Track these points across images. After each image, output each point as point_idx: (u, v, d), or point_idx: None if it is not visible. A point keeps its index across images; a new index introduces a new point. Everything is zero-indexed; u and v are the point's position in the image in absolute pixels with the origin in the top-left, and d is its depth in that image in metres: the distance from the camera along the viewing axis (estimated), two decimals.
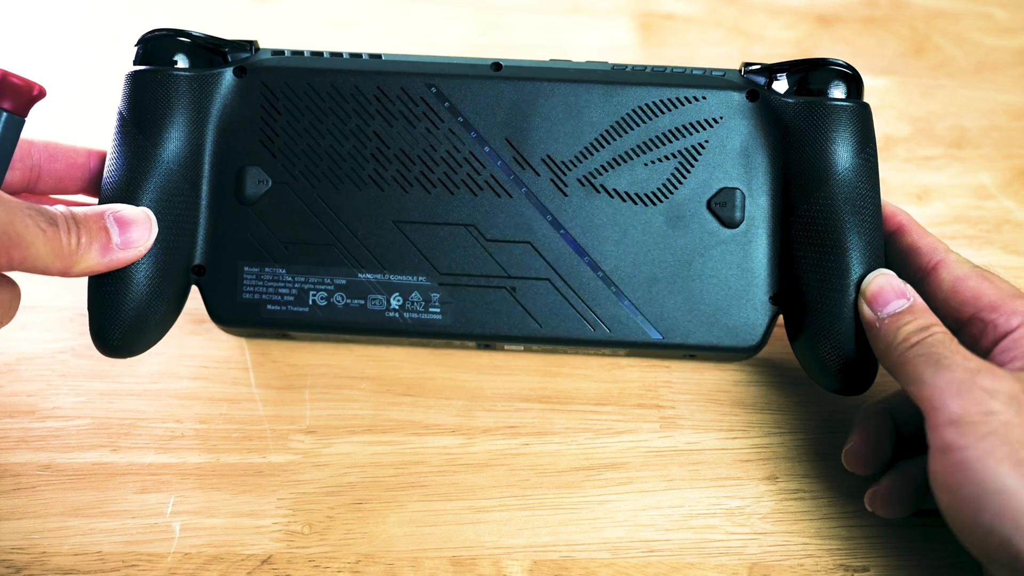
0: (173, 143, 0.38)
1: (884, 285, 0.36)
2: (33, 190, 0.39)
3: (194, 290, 0.39)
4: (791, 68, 0.39)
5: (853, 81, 0.39)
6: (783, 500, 0.40)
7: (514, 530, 0.39)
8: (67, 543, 0.37)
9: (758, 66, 0.40)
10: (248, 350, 0.42)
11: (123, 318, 0.36)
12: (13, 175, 0.38)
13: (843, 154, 0.38)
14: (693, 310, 0.39)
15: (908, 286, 0.36)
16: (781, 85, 0.39)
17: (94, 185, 0.40)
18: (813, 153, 0.38)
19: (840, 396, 0.42)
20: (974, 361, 0.32)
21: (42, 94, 0.35)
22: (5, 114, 0.34)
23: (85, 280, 0.44)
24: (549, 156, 0.39)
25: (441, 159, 0.39)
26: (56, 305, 0.43)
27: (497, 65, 0.40)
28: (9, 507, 0.38)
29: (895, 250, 0.39)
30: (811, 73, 0.39)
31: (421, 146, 0.39)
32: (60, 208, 0.33)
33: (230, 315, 0.38)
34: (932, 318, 0.35)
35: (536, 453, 0.40)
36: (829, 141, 0.38)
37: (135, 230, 0.35)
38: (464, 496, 0.39)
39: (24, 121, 0.35)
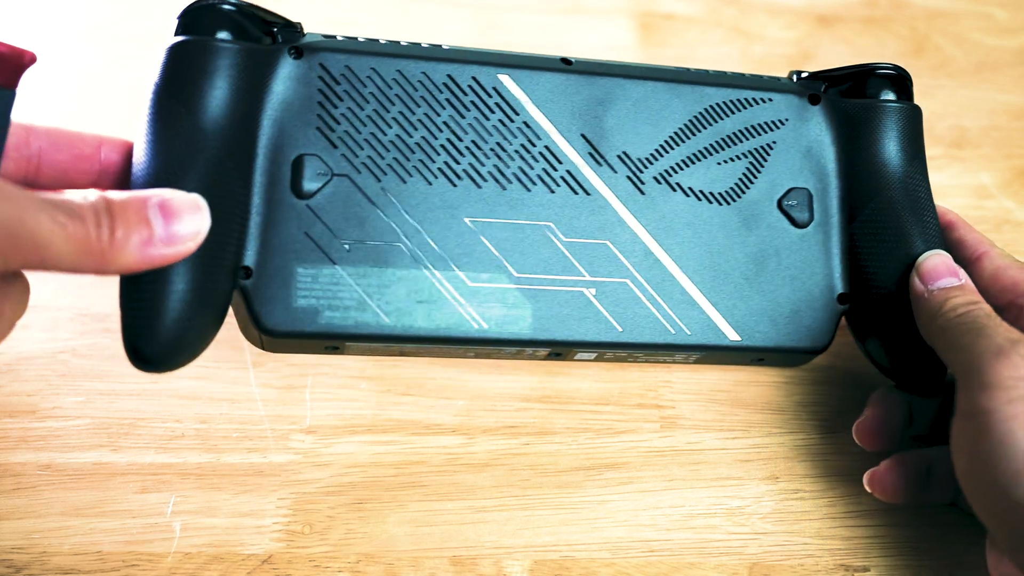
0: (223, 123, 0.33)
1: (939, 263, 0.37)
2: (32, 184, 0.34)
3: None
4: (843, 74, 0.40)
5: (906, 83, 0.40)
6: (783, 500, 0.40)
7: (514, 530, 0.39)
8: (67, 543, 0.37)
9: (807, 73, 0.41)
10: (248, 350, 0.42)
11: (162, 329, 0.31)
12: (7, 165, 0.32)
13: (903, 154, 0.39)
14: (768, 312, 0.38)
15: (962, 270, 0.37)
16: (835, 89, 0.40)
17: (105, 181, 0.34)
18: (875, 154, 0.39)
19: (843, 397, 0.42)
20: (1015, 333, 0.33)
21: (32, 60, 0.30)
22: None
23: (88, 279, 0.44)
24: (626, 153, 0.38)
25: (516, 153, 0.37)
26: (56, 305, 0.43)
27: (567, 60, 0.39)
28: (9, 507, 0.38)
29: (943, 244, 0.40)
30: (866, 77, 0.40)
31: (495, 139, 0.37)
32: (92, 195, 0.28)
33: (282, 324, 0.34)
34: (979, 297, 0.36)
35: (536, 453, 0.40)
36: (890, 142, 0.39)
37: (184, 221, 0.30)
38: (464, 496, 0.39)
39: (15, 95, 0.30)
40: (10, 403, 0.40)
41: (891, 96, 0.40)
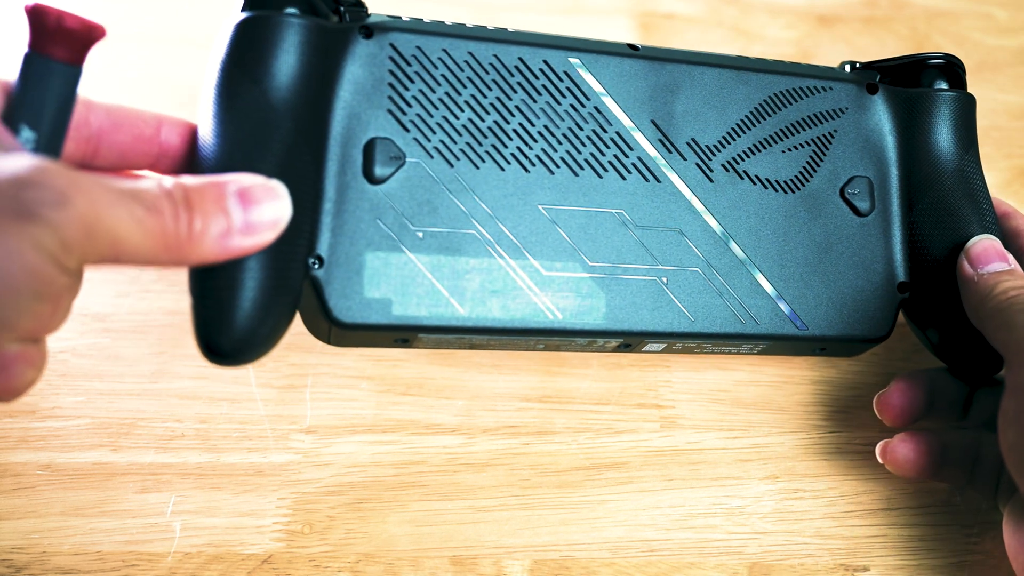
0: (295, 102, 0.32)
1: (988, 247, 0.37)
2: (89, 166, 0.32)
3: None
4: (895, 64, 0.40)
5: (957, 72, 0.40)
6: (783, 500, 0.40)
7: (514, 529, 0.39)
8: (67, 543, 0.37)
9: (860, 64, 0.41)
10: None
11: (236, 322, 0.30)
12: (66, 146, 0.30)
13: (959, 142, 0.39)
14: (832, 300, 0.38)
15: (1011, 256, 0.37)
16: (888, 79, 0.40)
17: (163, 164, 0.33)
18: (933, 142, 0.39)
19: (843, 397, 0.42)
20: None
21: (102, 34, 0.28)
22: (59, 65, 0.27)
23: (88, 279, 0.44)
24: (694, 140, 0.37)
25: (588, 139, 0.36)
26: None
27: (633, 46, 0.38)
28: (9, 507, 0.38)
29: (1000, 233, 0.40)
30: (920, 66, 0.40)
31: (567, 124, 0.36)
32: (167, 182, 0.26)
33: (354, 315, 0.33)
34: None
35: (536, 453, 0.40)
36: (946, 130, 0.39)
37: (263, 209, 0.28)
38: (464, 496, 0.39)
39: (82, 71, 0.28)
40: (10, 403, 0.40)
41: (944, 85, 0.40)
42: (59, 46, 0.27)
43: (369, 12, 0.36)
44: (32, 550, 0.37)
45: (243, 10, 0.33)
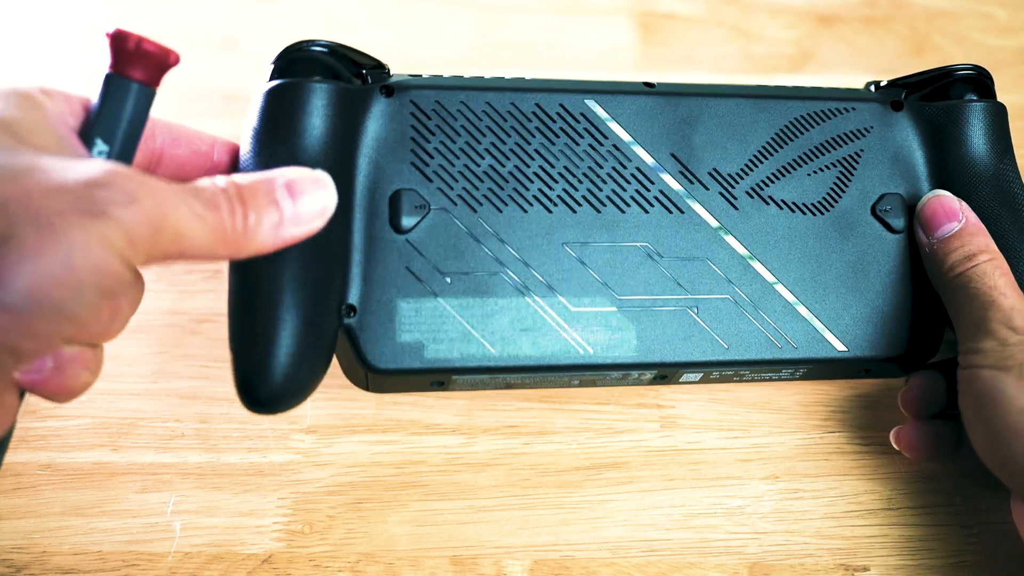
0: (322, 162, 0.34)
1: (936, 207, 0.37)
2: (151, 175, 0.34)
3: (192, 294, 0.39)
4: (918, 80, 0.40)
5: (984, 83, 0.40)
6: (783, 500, 0.40)
7: (514, 529, 0.39)
8: (67, 543, 0.37)
9: (884, 82, 0.41)
10: None
11: (275, 371, 0.32)
12: (136, 158, 0.33)
13: (993, 152, 0.39)
14: (872, 320, 0.38)
15: (963, 204, 0.37)
16: (915, 95, 0.41)
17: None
18: (965, 154, 0.39)
19: (843, 397, 0.42)
20: (1010, 297, 0.34)
21: (176, 61, 0.30)
22: (136, 85, 0.30)
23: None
24: (716, 169, 0.38)
25: (608, 176, 0.37)
26: None
27: (649, 84, 0.39)
28: (9, 507, 0.38)
29: None
30: (947, 80, 0.40)
31: (586, 164, 0.37)
32: (221, 181, 0.28)
33: (388, 360, 0.34)
34: (981, 242, 0.36)
35: (537, 452, 0.40)
36: (979, 140, 0.39)
37: (311, 198, 0.30)
38: (465, 495, 0.39)
39: (156, 93, 0.31)
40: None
41: (973, 96, 0.40)
42: (137, 68, 0.30)
43: (391, 73, 0.37)
44: (32, 550, 0.37)
45: (271, 78, 0.35)
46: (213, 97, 0.49)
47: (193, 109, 0.49)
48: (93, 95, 0.30)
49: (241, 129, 0.35)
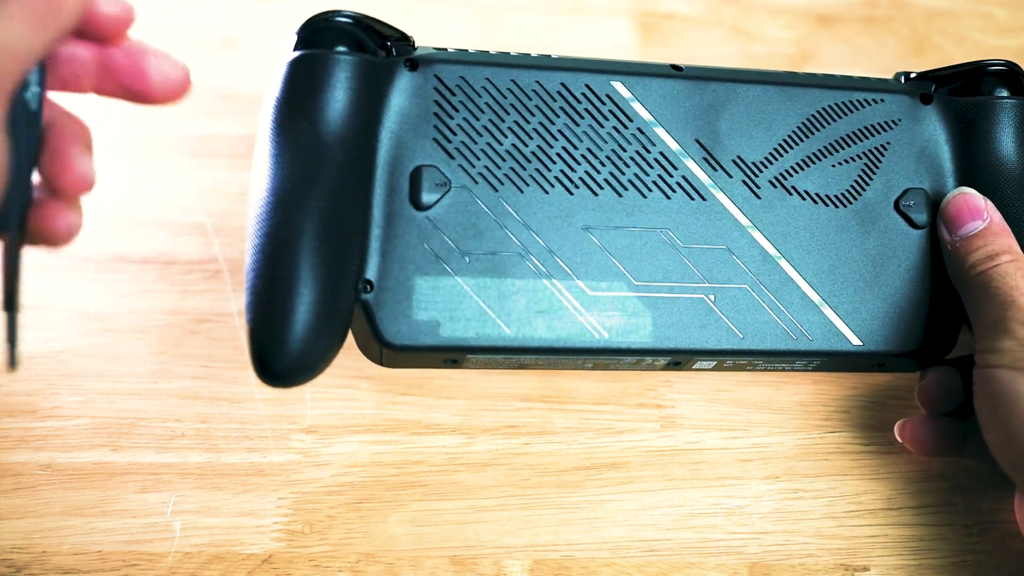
0: (345, 135, 0.34)
1: (961, 205, 0.37)
2: None
3: (190, 292, 0.39)
4: (952, 72, 0.40)
5: (1017, 78, 0.40)
6: (783, 500, 0.40)
7: (514, 529, 0.39)
8: (67, 543, 0.37)
9: (915, 74, 0.41)
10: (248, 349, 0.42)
11: (290, 344, 0.32)
12: None
13: (1021, 150, 0.39)
14: (889, 315, 0.38)
15: (989, 203, 0.37)
16: (944, 88, 0.40)
17: None
18: (994, 150, 0.39)
19: (843, 397, 0.42)
20: (1016, 293, 0.34)
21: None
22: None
23: (88, 279, 0.44)
24: (740, 157, 0.38)
25: (631, 160, 0.37)
26: (57, 304, 0.43)
27: (677, 67, 0.38)
28: (9, 507, 0.38)
29: None
30: (978, 74, 0.39)
31: (610, 146, 0.37)
32: None
33: (404, 337, 0.34)
34: (1004, 242, 0.36)
35: (536, 452, 0.40)
36: (1008, 137, 0.39)
37: None
38: (464, 495, 0.39)
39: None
40: (10, 403, 0.40)
41: (1004, 92, 0.39)
42: None
43: (416, 45, 0.37)
44: (32, 550, 0.37)
45: (295, 48, 0.35)
46: (213, 97, 0.49)
47: (193, 109, 0.49)
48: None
49: (263, 101, 0.35)
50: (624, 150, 0.37)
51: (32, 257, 0.45)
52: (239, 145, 0.48)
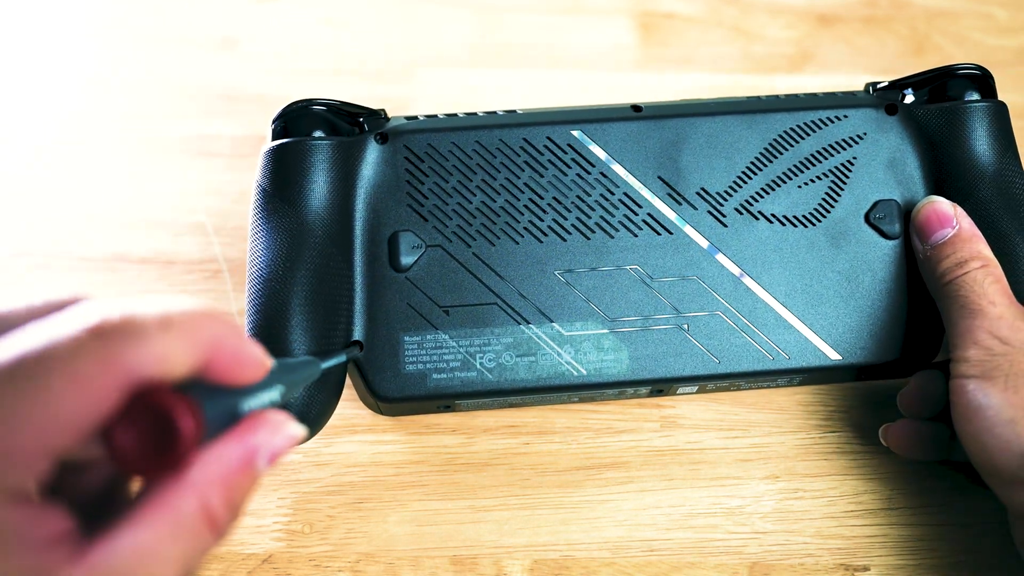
0: (324, 213, 0.37)
1: (930, 213, 0.37)
2: None
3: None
4: (919, 80, 0.40)
5: (986, 81, 0.40)
6: (783, 500, 0.40)
7: (514, 529, 0.39)
8: None
9: (884, 83, 0.41)
10: None
11: (288, 409, 0.34)
12: None
13: (994, 151, 0.39)
14: (867, 327, 0.38)
15: (958, 209, 0.37)
16: (912, 96, 0.40)
17: None
18: (965, 155, 0.39)
19: (843, 396, 0.42)
20: (999, 306, 0.34)
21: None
22: None
23: (88, 279, 0.44)
24: (704, 189, 0.39)
25: (596, 203, 0.38)
26: None
27: (636, 107, 0.40)
28: None
29: None
30: (946, 80, 0.40)
31: (575, 193, 0.38)
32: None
33: (395, 390, 0.37)
34: (973, 249, 0.36)
35: (536, 452, 0.40)
36: (979, 141, 0.39)
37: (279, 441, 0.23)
38: (464, 495, 0.39)
39: None
40: None
41: (975, 96, 0.39)
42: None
43: (388, 117, 0.40)
44: None
45: (273, 137, 0.38)
46: (213, 97, 0.49)
47: (193, 109, 0.49)
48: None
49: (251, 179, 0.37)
50: (589, 195, 0.38)
51: (32, 257, 0.45)
52: (239, 145, 0.48)
